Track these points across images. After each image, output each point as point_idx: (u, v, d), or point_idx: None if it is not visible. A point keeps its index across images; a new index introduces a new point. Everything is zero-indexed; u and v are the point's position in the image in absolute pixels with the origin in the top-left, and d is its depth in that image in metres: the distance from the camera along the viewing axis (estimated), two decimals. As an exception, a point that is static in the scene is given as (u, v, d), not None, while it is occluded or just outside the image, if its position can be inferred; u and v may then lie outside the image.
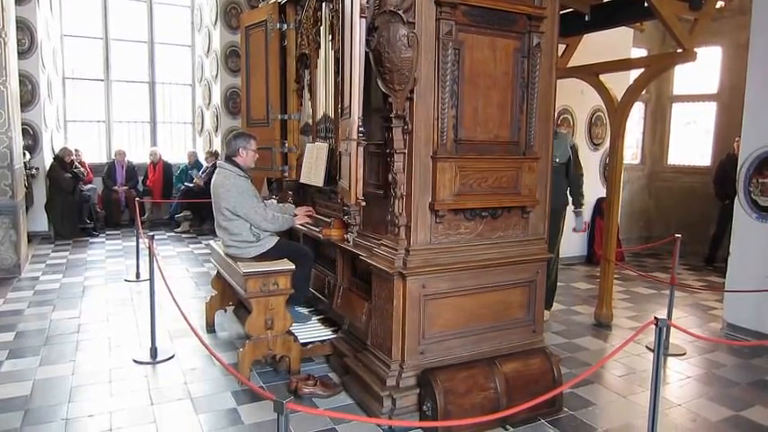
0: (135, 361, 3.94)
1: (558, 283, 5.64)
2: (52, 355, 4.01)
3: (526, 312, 3.55)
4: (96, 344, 4.27)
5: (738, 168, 4.79)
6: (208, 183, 5.31)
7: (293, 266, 3.70)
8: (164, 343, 4.24)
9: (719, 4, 5.05)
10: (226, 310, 4.77)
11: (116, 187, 9.52)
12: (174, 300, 3.56)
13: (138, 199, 7.06)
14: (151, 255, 3.99)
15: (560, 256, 5.56)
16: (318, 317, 4.30)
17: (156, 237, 5.29)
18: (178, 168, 10.09)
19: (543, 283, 3.62)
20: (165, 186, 9.91)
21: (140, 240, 5.92)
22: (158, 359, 3.95)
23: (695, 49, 4.38)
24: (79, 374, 3.70)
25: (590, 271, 7.15)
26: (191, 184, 9.52)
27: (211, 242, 4.68)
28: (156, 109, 10.77)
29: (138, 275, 6.20)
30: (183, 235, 9.15)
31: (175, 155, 10.63)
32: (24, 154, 7.64)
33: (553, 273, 5.05)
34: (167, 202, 9.76)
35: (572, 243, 7.46)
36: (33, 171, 8.20)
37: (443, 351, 3.26)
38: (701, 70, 8.42)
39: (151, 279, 4.04)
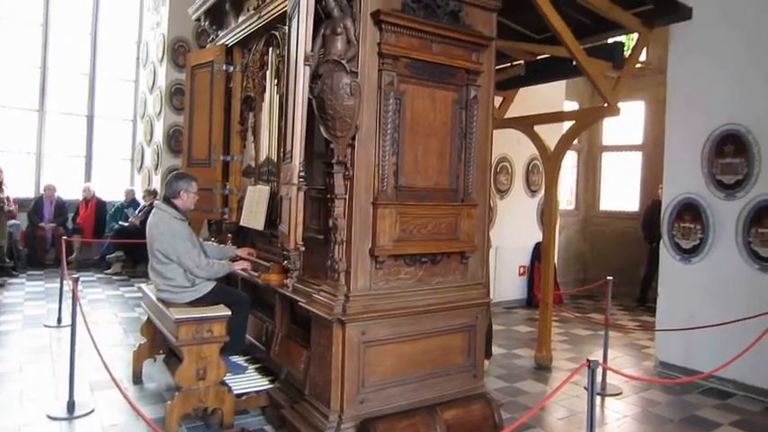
0: (49, 417, 3.63)
1: (499, 327, 5.72)
2: (-44, 411, 3.66)
3: (466, 358, 3.57)
4: (6, 397, 3.92)
5: (662, 214, 5.09)
6: (144, 222, 5.14)
7: (229, 312, 3.59)
8: (83, 396, 3.93)
9: (639, 65, 5.44)
10: (155, 360, 4.52)
11: (43, 224, 9.02)
12: (96, 347, 3.35)
13: (65, 237, 6.70)
14: (74, 298, 3.76)
15: (500, 300, 5.65)
16: (255, 366, 4.14)
17: (84, 279, 5.02)
18: (113, 206, 9.71)
19: (483, 328, 3.67)
20: (97, 225, 9.46)
21: (65, 282, 5.60)
22: (76, 414, 3.65)
23: (619, 104, 4.68)
24: (-15, 432, 3.39)
25: (530, 314, 7.29)
26: (125, 224, 9.15)
27: (143, 285, 4.47)
28: (94, 144, 10.41)
29: (59, 320, 5.81)
30: (114, 277, 8.73)
31: (111, 192, 10.23)
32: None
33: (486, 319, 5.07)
34: (98, 241, 9.32)
35: (512, 286, 7.64)
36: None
37: (383, 400, 3.21)
38: (628, 123, 8.99)
39: (73, 324, 3.79)
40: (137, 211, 9.25)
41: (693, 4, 4.62)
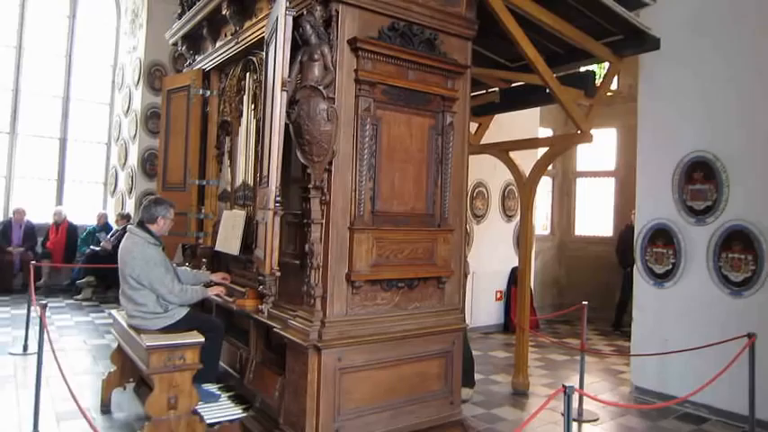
0: (13, 449, 3.50)
1: (477, 353, 5.69)
2: None
3: (443, 384, 3.54)
4: (-34, 429, 3.77)
5: (635, 239, 5.17)
6: (116, 247, 5.04)
7: (202, 339, 3.51)
8: (48, 427, 3.77)
9: (610, 93, 5.58)
10: (125, 388, 4.38)
11: (10, 248, 8.76)
12: (62, 376, 3.23)
13: (34, 262, 6.51)
14: (42, 324, 3.65)
15: (477, 325, 5.63)
16: (228, 394, 4.05)
17: (52, 305, 4.88)
18: (84, 230, 9.51)
19: (460, 354, 3.65)
20: (67, 249, 9.23)
21: (32, 308, 5.43)
22: (41, 446, 3.52)
23: (592, 131, 4.78)
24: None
25: (507, 339, 7.29)
26: (97, 248, 8.95)
27: (114, 311, 4.36)
28: (66, 167, 10.23)
29: (25, 348, 5.61)
30: (84, 303, 8.49)
31: (83, 216, 10.03)
32: None
33: (464, 345, 4.95)
34: (68, 266, 9.08)
35: (489, 311, 7.64)
36: None
37: (360, 428, 3.16)
38: (601, 149, 9.19)
39: (40, 352, 3.66)
40: (109, 236, 9.07)
41: (661, 36, 4.77)
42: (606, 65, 5.37)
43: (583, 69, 5.31)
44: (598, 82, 5.22)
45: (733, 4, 4.52)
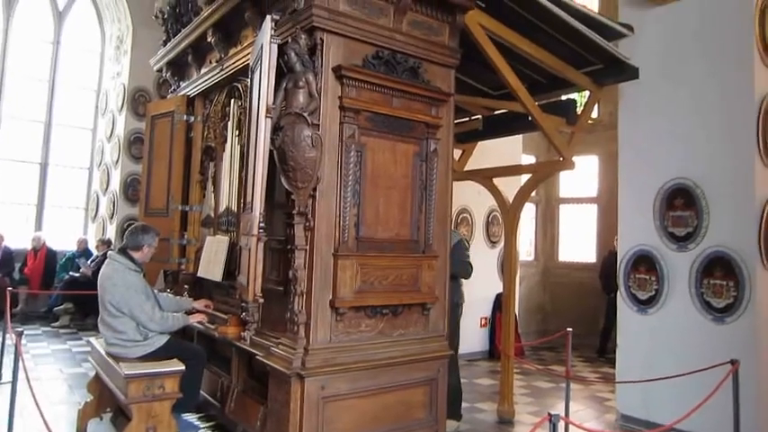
0: (-18, 484, 3.37)
1: (462, 380, 5.62)
2: None
3: (428, 413, 3.49)
4: (-65, 463, 3.62)
5: (618, 265, 5.20)
6: (96, 273, 4.95)
7: (183, 367, 3.44)
8: (23, 460, 3.67)
9: (591, 121, 5.68)
10: (102, 418, 4.25)
11: (-14, 275, 8.58)
12: (37, 406, 3.13)
13: (10, 288, 6.37)
14: (17, 352, 3.55)
15: (462, 352, 5.58)
16: (208, 424, 3.96)
17: (28, 332, 4.75)
18: (64, 256, 9.34)
19: (445, 382, 3.61)
20: (45, 275, 9.03)
21: (7, 335, 5.28)
22: (13, 480, 3.39)
23: (573, 158, 4.85)
24: None
25: (492, 366, 7.24)
26: (76, 274, 8.79)
27: (92, 339, 4.26)
28: (47, 192, 10.10)
29: (-1, 377, 5.46)
30: (62, 330, 8.29)
31: (63, 242, 9.86)
32: None
33: (453, 375, 4.64)
34: (46, 293, 8.88)
35: (474, 338, 7.60)
36: None
37: (343, 458, 3.09)
38: (583, 176, 9.32)
39: (14, 381, 3.53)
40: (89, 261, 8.92)
41: (640, 65, 4.88)
42: (587, 93, 5.48)
43: (564, 97, 5.41)
44: (579, 110, 5.32)
45: (698, 38, 4.62)
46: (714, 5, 4.55)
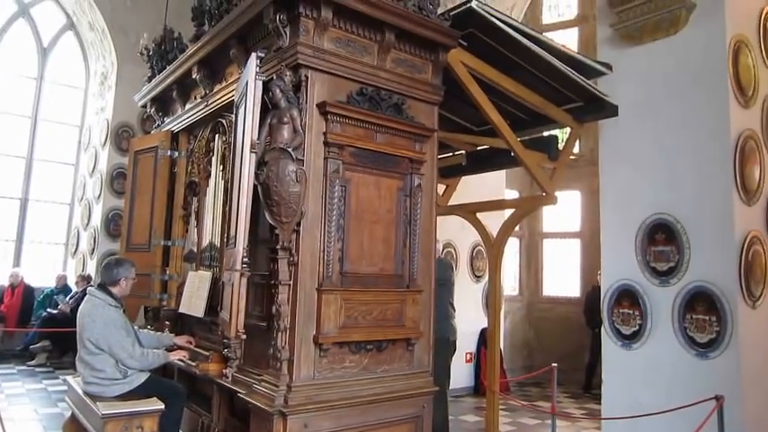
0: None
1: (449, 417, 5.53)
2: None
3: (413, 451, 3.42)
4: None
5: (602, 299, 5.21)
6: (75, 309, 4.84)
7: (162, 406, 3.35)
8: (-9, 507, 3.51)
9: (572, 157, 5.78)
10: (77, 461, 4.11)
11: (-38, 313, 8.35)
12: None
13: (-15, 327, 6.21)
14: (-10, 396, 3.44)
15: (449, 387, 5.50)
16: (188, 465, 3.84)
17: (3, 371, 4.62)
18: (42, 293, 9.14)
19: (430, 418, 3.54)
20: (22, 313, 8.82)
21: (-19, 377, 5.12)
22: None
23: (556, 193, 4.90)
24: None
25: (478, 402, 7.15)
26: (54, 311, 8.58)
27: (69, 378, 4.14)
28: (26, 227, 9.94)
29: (-29, 420, 5.26)
30: (38, 369, 8.05)
31: (41, 278, 9.67)
32: None
33: (439, 412, 4.54)
34: (22, 330, 8.65)
35: (459, 374, 7.51)
36: None
37: (326, 500, 3.00)
38: (566, 211, 9.43)
39: (-15, 425, 3.44)
40: (68, 298, 8.74)
41: (619, 103, 4.99)
42: (568, 129, 5.59)
43: (546, 133, 5.51)
44: (561, 146, 5.41)
45: (674, 77, 4.75)
46: (688, 46, 4.70)
